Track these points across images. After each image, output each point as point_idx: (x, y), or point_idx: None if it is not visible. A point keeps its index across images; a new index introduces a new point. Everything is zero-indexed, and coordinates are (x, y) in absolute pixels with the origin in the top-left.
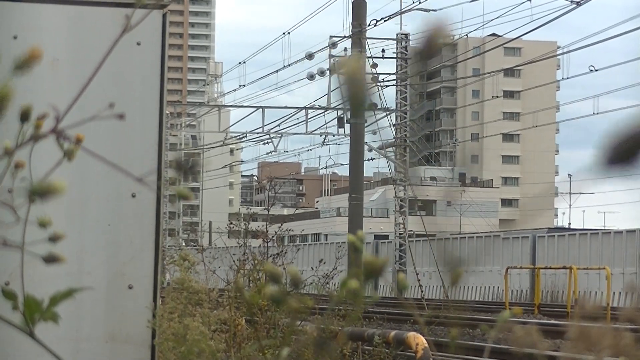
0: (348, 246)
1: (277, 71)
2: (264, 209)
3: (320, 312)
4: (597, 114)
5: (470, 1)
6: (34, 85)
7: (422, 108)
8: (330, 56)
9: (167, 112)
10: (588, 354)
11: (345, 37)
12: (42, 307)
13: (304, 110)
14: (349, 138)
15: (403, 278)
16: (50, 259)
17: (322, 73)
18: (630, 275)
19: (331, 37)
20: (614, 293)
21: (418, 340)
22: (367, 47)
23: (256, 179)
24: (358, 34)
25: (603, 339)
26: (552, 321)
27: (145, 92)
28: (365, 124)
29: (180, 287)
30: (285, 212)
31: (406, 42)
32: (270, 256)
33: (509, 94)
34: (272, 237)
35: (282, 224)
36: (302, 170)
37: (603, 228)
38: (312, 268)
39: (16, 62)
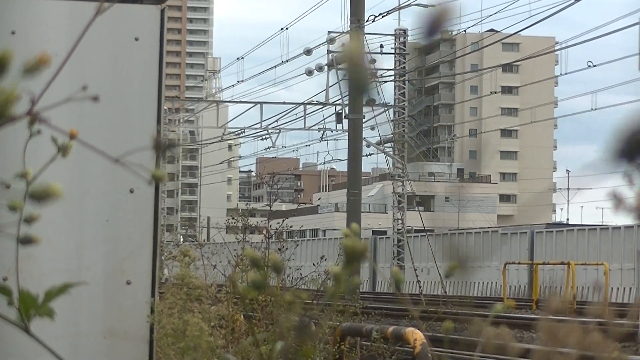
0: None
1: (275, 67)
2: (266, 204)
3: (317, 306)
4: (595, 109)
5: None
6: (32, 80)
7: (420, 104)
8: (329, 52)
9: (166, 107)
10: (559, 349)
11: (343, 32)
12: (37, 303)
13: (302, 105)
14: (347, 134)
15: (397, 271)
16: (26, 241)
17: (320, 69)
18: (629, 271)
19: (329, 32)
20: (612, 289)
21: (416, 335)
22: (365, 42)
23: (253, 174)
24: (356, 30)
25: (571, 334)
26: (550, 317)
27: (144, 87)
28: (364, 119)
29: (180, 283)
30: (284, 207)
31: (404, 38)
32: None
33: (507, 90)
34: (274, 233)
35: (283, 220)
36: (301, 165)
37: (601, 224)
38: (314, 264)
39: (25, 65)
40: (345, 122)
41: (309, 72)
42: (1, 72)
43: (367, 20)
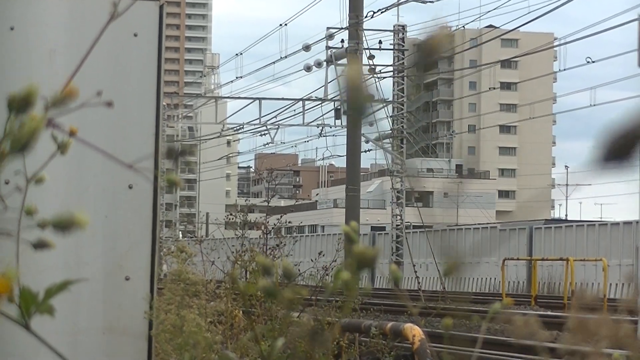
0: (344, 237)
1: (274, 63)
2: (264, 200)
3: (317, 303)
4: (594, 105)
5: None
6: (31, 76)
7: (419, 99)
8: (327, 48)
9: (164, 103)
10: (586, 344)
11: (342, 28)
12: (38, 300)
13: (301, 101)
14: (346, 129)
15: (395, 269)
16: (40, 245)
17: (319, 65)
18: (627, 266)
19: (328, 28)
20: (610, 284)
21: (415, 331)
22: (364, 38)
23: (252, 170)
24: (355, 26)
25: (601, 329)
26: (549, 312)
27: (142, 83)
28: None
29: (177, 279)
30: (283, 203)
31: (403, 34)
32: (269, 248)
33: (506, 86)
34: (272, 229)
35: (281, 216)
36: (299, 161)
37: (600, 219)
38: (312, 260)
39: (52, 99)
40: (344, 118)
41: (308, 68)
42: (26, 109)
43: (366, 16)
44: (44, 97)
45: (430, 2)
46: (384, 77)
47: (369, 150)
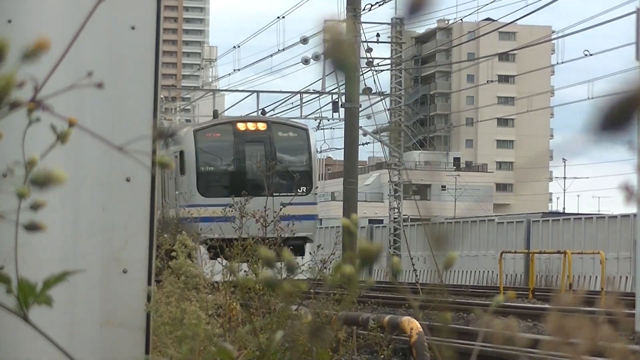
0: (342, 230)
1: (271, 55)
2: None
3: (315, 296)
4: (592, 98)
5: None
6: (31, 68)
7: (416, 92)
8: (325, 41)
9: (162, 96)
10: (567, 344)
11: (340, 21)
12: (36, 291)
13: (299, 94)
14: (343, 122)
15: (397, 262)
16: (32, 227)
17: (316, 57)
18: (625, 259)
19: (326, 21)
20: (608, 277)
21: (412, 324)
22: (361, 31)
23: None
24: (353, 18)
25: (581, 330)
26: (546, 305)
27: (140, 76)
28: (360, 108)
29: (178, 272)
30: None
31: (401, 27)
32: (268, 239)
33: (504, 79)
34: (271, 222)
35: (280, 209)
36: None
37: (597, 213)
38: (310, 253)
39: (24, 51)
40: (342, 110)
41: (305, 61)
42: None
43: (364, 9)
44: (29, 75)
45: None
46: (382, 70)
47: (366, 143)
